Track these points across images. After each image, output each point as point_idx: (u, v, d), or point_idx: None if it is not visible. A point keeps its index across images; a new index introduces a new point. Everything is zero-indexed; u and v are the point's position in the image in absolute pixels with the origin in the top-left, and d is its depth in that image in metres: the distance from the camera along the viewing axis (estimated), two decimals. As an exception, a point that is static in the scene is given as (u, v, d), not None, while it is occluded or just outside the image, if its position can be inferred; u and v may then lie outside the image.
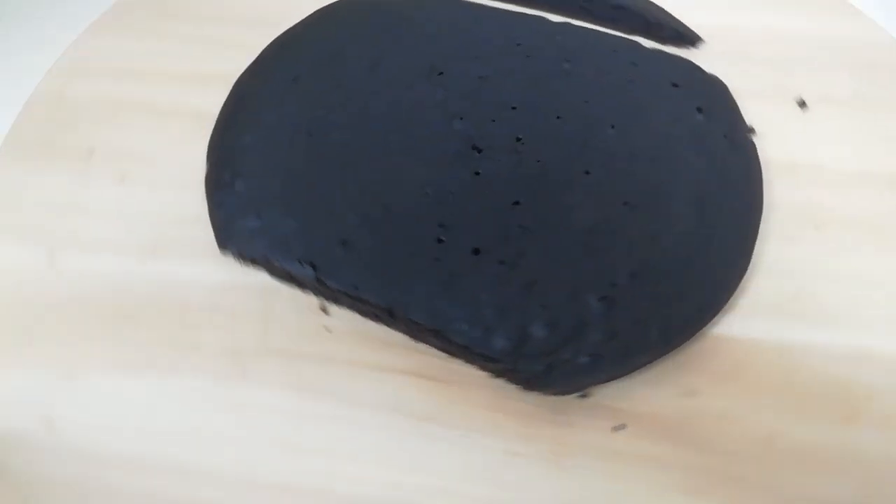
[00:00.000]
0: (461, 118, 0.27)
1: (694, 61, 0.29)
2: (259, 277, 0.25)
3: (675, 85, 0.28)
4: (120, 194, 0.27)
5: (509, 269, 0.24)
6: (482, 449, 0.23)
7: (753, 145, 0.27)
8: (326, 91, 0.28)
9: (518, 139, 0.26)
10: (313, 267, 0.24)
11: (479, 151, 0.26)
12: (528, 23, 0.30)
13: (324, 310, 0.25)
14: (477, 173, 0.26)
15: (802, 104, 0.29)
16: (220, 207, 0.26)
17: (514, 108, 0.27)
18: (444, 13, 0.30)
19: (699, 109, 0.27)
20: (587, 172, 0.26)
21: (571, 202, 0.25)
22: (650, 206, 0.25)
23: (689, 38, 0.30)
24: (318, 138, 0.26)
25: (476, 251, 0.24)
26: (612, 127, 0.27)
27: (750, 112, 0.28)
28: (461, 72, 0.28)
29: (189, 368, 0.24)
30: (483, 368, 0.23)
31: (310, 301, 0.25)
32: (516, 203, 0.25)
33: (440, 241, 0.24)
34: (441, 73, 0.28)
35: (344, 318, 0.25)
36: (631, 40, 0.29)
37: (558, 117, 0.27)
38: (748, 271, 0.25)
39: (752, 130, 0.27)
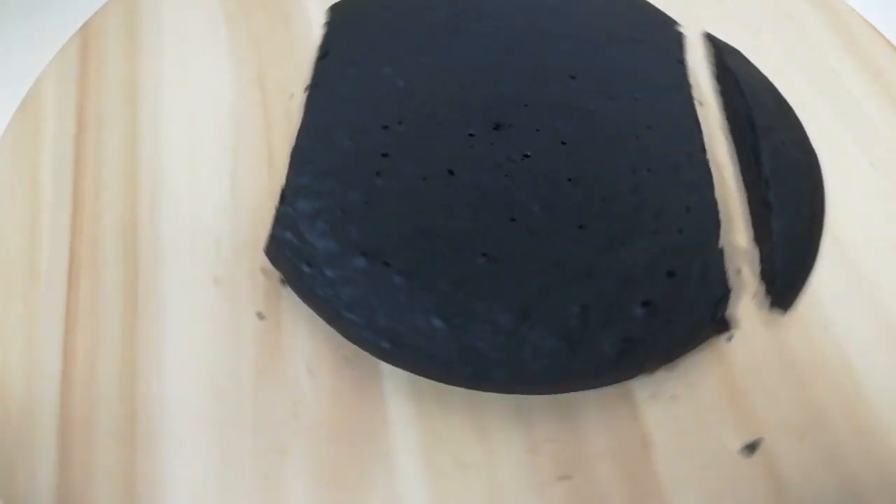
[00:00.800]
0: (526, 105, 0.27)
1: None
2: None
3: (669, 274, 0.23)
4: None
5: (376, 200, 0.24)
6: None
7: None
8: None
9: (525, 155, 0.25)
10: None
11: (496, 129, 0.26)
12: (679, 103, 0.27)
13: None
14: (471, 135, 0.26)
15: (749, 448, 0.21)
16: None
17: (563, 143, 0.26)
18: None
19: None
20: (515, 220, 0.24)
21: (463, 227, 0.24)
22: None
23: (778, 299, 0.24)
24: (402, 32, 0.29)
25: (378, 174, 0.25)
26: (580, 227, 0.24)
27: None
28: (575, 102, 0.27)
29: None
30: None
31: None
32: (451, 172, 0.25)
33: (384, 155, 0.26)
34: (573, 77, 0.27)
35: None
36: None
37: (569, 179, 0.25)
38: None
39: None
